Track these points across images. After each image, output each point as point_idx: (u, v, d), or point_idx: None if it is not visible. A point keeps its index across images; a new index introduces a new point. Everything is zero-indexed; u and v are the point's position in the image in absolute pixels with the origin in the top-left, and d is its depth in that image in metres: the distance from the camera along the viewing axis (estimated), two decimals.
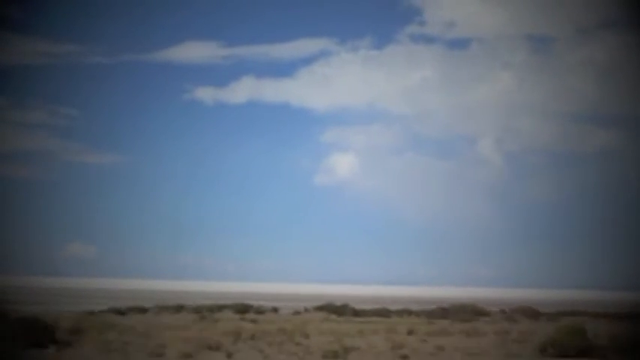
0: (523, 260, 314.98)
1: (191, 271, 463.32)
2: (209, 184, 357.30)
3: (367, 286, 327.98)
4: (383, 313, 73.64)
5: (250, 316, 62.17)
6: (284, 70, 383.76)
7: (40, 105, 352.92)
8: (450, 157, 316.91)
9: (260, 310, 65.04)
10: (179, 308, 70.15)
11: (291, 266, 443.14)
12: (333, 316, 65.36)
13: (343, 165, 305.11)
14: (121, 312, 64.87)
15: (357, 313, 69.20)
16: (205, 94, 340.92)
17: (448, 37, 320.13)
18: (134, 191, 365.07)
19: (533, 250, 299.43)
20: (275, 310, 68.37)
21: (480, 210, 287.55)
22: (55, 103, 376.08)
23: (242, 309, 66.22)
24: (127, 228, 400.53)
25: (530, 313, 73.12)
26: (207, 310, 66.07)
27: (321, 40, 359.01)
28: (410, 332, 49.55)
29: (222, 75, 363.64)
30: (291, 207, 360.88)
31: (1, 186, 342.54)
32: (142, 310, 68.62)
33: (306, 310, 69.70)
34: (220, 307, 67.51)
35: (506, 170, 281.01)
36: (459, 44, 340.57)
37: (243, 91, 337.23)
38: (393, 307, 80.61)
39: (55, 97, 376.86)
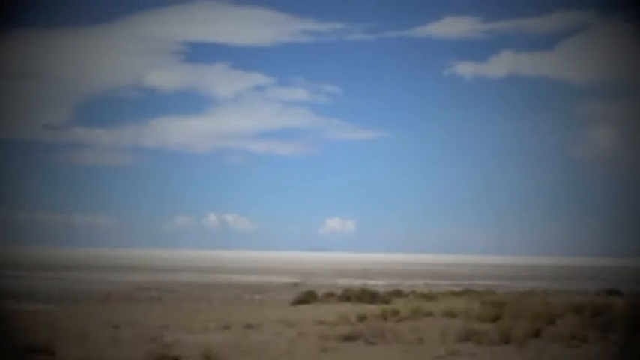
0: None
1: (442, 245, 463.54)
2: (460, 158, 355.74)
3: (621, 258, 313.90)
4: None
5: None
6: (542, 43, 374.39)
7: (304, 83, 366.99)
8: None
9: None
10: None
11: (543, 239, 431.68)
12: None
13: (602, 138, 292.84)
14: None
15: None
16: (465, 69, 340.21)
17: None
18: (395, 166, 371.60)
19: None
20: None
21: None
22: (317, 81, 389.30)
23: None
24: (387, 202, 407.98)
25: None
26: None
27: (579, 13, 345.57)
28: None
29: (481, 50, 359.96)
30: (548, 180, 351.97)
31: (264, 163, 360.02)
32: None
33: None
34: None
35: None
36: None
37: (502, 65, 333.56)
38: None
39: (318, 75, 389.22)
